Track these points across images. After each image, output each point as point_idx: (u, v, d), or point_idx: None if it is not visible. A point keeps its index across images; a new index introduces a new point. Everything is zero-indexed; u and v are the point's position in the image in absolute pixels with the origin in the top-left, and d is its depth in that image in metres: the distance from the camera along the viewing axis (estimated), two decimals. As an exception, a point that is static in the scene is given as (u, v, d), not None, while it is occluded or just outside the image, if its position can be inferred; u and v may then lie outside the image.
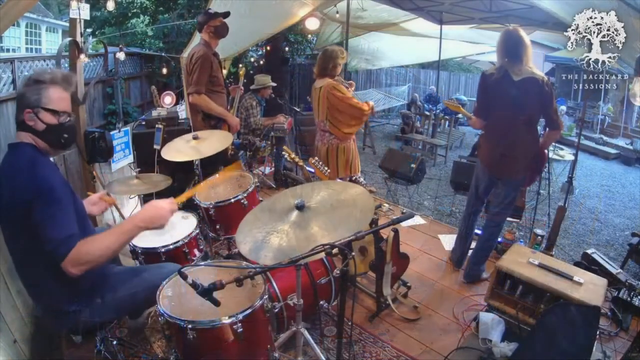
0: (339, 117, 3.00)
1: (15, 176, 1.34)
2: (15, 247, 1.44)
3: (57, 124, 1.45)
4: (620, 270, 2.82)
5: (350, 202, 1.56)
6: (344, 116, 2.99)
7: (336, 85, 2.96)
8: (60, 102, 1.46)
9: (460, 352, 2.08)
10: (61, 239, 1.31)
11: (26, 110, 1.41)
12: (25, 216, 1.30)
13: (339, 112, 2.98)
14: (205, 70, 2.85)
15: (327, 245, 1.27)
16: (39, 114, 1.42)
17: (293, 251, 1.37)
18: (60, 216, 1.33)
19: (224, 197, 2.38)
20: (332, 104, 2.96)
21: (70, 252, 1.31)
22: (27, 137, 1.43)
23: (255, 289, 1.59)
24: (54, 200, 1.33)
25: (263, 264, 1.38)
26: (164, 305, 1.50)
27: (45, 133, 1.43)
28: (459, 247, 2.92)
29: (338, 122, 3.02)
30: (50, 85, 1.43)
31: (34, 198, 1.30)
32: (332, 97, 2.94)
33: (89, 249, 1.35)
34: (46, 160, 1.44)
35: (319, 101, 3.04)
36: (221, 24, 3.00)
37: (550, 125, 2.48)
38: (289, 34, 9.11)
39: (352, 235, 1.30)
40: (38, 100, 1.41)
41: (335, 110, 2.98)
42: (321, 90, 2.99)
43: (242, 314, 1.43)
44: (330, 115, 3.01)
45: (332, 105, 2.97)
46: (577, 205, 5.84)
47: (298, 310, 1.73)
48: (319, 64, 3.03)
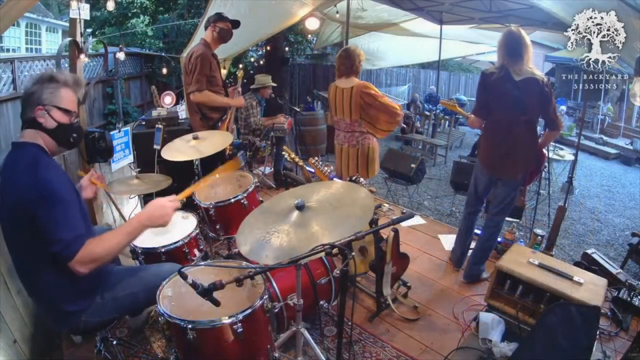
0: (377, 116, 2.95)
1: (19, 176, 1.34)
2: (16, 248, 1.44)
3: (69, 124, 1.48)
4: (620, 270, 2.82)
5: (350, 202, 1.56)
6: (382, 115, 2.94)
7: (368, 84, 2.92)
8: (71, 103, 1.49)
9: (460, 352, 2.08)
10: (70, 240, 1.32)
11: (38, 107, 1.42)
12: (27, 217, 1.30)
13: (377, 110, 2.93)
14: (204, 68, 2.85)
15: (327, 245, 1.27)
16: (51, 112, 1.43)
17: (293, 251, 1.37)
18: (67, 216, 1.34)
19: (224, 197, 2.38)
20: (368, 102, 2.90)
21: (79, 251, 1.32)
22: (35, 135, 1.43)
23: (255, 289, 1.59)
24: (60, 201, 1.33)
25: (263, 264, 1.38)
26: (164, 305, 1.50)
27: (56, 131, 1.45)
28: (458, 247, 2.92)
29: (376, 120, 2.97)
30: (63, 86, 1.46)
31: (38, 199, 1.30)
32: (366, 96, 2.88)
33: (97, 248, 1.37)
34: (50, 161, 1.44)
35: (349, 101, 2.96)
36: (228, 28, 3.02)
37: (549, 125, 2.48)
38: (289, 34, 9.11)
39: (352, 235, 1.30)
40: (51, 98, 1.43)
41: (372, 108, 2.92)
42: (352, 90, 2.91)
43: (242, 314, 1.43)
44: (365, 114, 2.95)
45: (367, 104, 2.91)
46: (577, 205, 5.84)
47: (298, 310, 1.73)
48: (343, 63, 2.97)
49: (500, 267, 2.20)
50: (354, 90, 2.90)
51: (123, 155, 3.19)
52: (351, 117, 2.98)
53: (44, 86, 1.43)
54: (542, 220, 4.54)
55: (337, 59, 3.03)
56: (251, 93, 4.45)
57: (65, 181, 1.43)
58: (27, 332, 1.85)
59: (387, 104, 2.92)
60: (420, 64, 12.13)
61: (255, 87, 4.44)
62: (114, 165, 3.09)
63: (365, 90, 2.88)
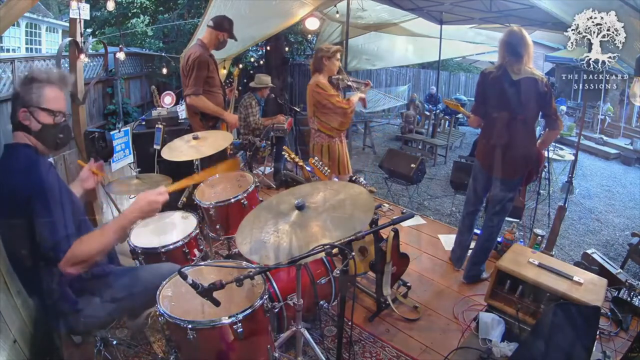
0: (327, 113, 2.99)
1: (12, 177, 1.33)
2: (13, 248, 1.44)
3: (53, 124, 1.44)
4: (620, 270, 2.82)
5: (350, 202, 1.56)
6: (330, 111, 2.98)
7: (319, 82, 2.96)
8: (56, 102, 1.45)
9: (460, 352, 2.08)
10: (57, 240, 1.31)
11: (21, 109, 1.40)
12: (22, 217, 1.30)
13: (326, 107, 2.97)
14: (202, 71, 2.85)
15: (327, 245, 1.27)
16: (35, 113, 1.41)
17: (293, 251, 1.37)
18: (56, 217, 1.33)
19: (224, 197, 2.38)
20: (317, 100, 2.96)
21: (66, 252, 1.31)
22: (23, 137, 1.42)
23: (255, 289, 1.59)
24: (50, 201, 1.32)
25: (263, 264, 1.38)
26: (164, 305, 1.50)
27: (41, 132, 1.42)
28: (458, 247, 2.92)
29: (327, 117, 3.00)
30: (46, 85, 1.42)
31: (31, 199, 1.29)
32: (315, 94, 2.95)
33: (84, 249, 1.35)
34: (43, 161, 1.44)
35: (309, 98, 3.05)
36: (225, 40, 3.04)
37: (549, 125, 2.48)
38: (289, 34, 9.11)
39: (352, 235, 1.30)
40: (34, 99, 1.40)
41: (322, 106, 2.98)
42: (309, 87, 3.01)
43: (242, 314, 1.43)
44: (318, 111, 3.01)
45: (317, 102, 2.97)
46: (577, 205, 5.84)
47: (298, 310, 1.73)
48: (313, 61, 3.06)
49: (500, 267, 2.20)
50: (309, 87, 3.00)
51: (123, 155, 3.19)
52: (309, 114, 3.08)
53: (27, 87, 1.40)
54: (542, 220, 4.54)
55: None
56: (250, 92, 4.45)
57: (57, 181, 1.42)
58: (27, 332, 1.85)
59: (334, 102, 2.95)
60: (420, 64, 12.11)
61: (254, 87, 4.44)
62: (114, 165, 3.09)
63: (315, 88, 2.95)
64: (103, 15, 8.78)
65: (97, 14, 8.65)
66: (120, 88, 7.68)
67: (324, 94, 2.93)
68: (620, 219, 5.52)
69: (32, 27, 11.77)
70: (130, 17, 9.63)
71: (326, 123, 3.03)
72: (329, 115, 2.99)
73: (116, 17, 8.76)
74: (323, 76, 3.00)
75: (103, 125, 7.54)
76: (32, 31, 11.78)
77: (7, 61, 5.69)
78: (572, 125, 9.80)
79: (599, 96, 9.61)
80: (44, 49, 11.87)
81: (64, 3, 11.30)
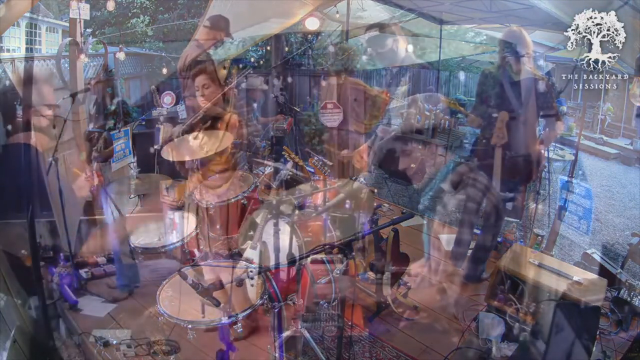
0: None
1: (12, 177, 1.34)
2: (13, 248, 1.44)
3: (52, 124, 1.47)
4: (620, 270, 2.82)
5: (351, 202, 1.56)
6: None
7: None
8: (54, 102, 1.47)
9: (460, 352, 2.08)
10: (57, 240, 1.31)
11: (21, 109, 1.41)
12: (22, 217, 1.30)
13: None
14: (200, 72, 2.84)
15: (327, 245, 1.27)
16: (35, 113, 1.42)
17: (293, 251, 1.37)
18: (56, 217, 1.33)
19: (224, 197, 2.38)
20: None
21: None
22: (19, 136, 1.42)
23: (255, 289, 1.59)
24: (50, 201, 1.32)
25: (263, 264, 1.38)
26: (164, 305, 1.50)
27: (41, 132, 1.43)
28: (458, 247, 2.92)
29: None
30: (46, 84, 1.45)
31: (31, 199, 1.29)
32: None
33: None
34: (43, 161, 1.44)
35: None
36: (222, 40, 3.08)
37: (550, 125, 2.48)
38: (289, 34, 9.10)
39: (352, 235, 1.30)
40: (33, 99, 1.42)
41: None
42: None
43: (242, 314, 1.43)
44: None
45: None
46: (577, 205, 5.83)
47: (298, 310, 1.73)
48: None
49: (500, 267, 2.20)
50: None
51: (123, 155, 3.18)
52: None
53: (26, 87, 1.44)
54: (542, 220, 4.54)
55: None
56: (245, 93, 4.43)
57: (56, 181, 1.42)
58: (27, 332, 1.85)
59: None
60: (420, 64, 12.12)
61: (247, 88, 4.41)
62: (114, 165, 3.08)
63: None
64: (103, 15, 8.78)
65: (97, 14, 8.65)
66: (120, 88, 7.68)
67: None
68: (620, 219, 5.50)
69: (32, 27, 11.78)
70: (130, 17, 9.64)
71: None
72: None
73: (116, 17, 8.76)
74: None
75: (103, 126, 7.53)
76: (32, 31, 11.79)
77: (7, 61, 5.69)
78: (572, 125, 9.80)
79: (599, 96, 9.60)
80: (44, 49, 11.87)
81: (64, 3, 11.33)
